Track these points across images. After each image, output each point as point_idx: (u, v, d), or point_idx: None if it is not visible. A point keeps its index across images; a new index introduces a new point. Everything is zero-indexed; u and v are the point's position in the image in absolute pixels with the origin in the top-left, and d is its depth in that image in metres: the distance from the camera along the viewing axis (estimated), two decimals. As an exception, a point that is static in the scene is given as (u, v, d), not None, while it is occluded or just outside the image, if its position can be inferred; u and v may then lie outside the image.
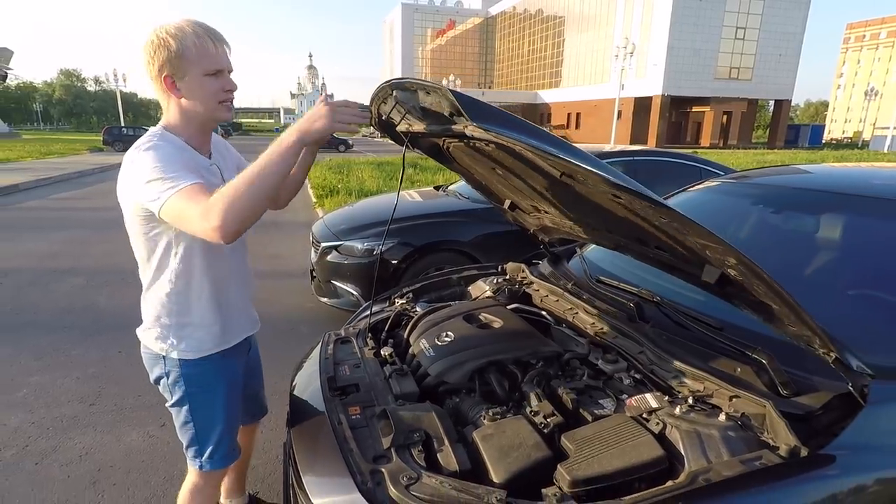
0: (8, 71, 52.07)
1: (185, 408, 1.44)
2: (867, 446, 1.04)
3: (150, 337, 1.42)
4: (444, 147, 1.83)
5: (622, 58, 27.31)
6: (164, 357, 1.41)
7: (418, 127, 1.46)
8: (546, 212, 1.95)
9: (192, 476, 1.54)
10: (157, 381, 1.46)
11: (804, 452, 1.01)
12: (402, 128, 1.66)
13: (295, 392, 1.65)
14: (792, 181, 2.27)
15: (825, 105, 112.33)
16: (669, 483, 1.00)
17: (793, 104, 52.15)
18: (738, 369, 1.30)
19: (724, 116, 44.35)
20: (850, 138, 76.31)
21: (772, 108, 48.41)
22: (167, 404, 1.47)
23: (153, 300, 1.39)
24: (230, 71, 1.30)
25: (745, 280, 0.99)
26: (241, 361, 1.58)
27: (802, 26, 42.20)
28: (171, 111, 1.29)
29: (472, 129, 1.07)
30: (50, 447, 2.45)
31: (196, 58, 1.21)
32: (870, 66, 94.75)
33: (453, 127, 1.27)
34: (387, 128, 1.78)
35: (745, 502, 0.96)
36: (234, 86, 1.29)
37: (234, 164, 1.56)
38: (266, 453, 2.39)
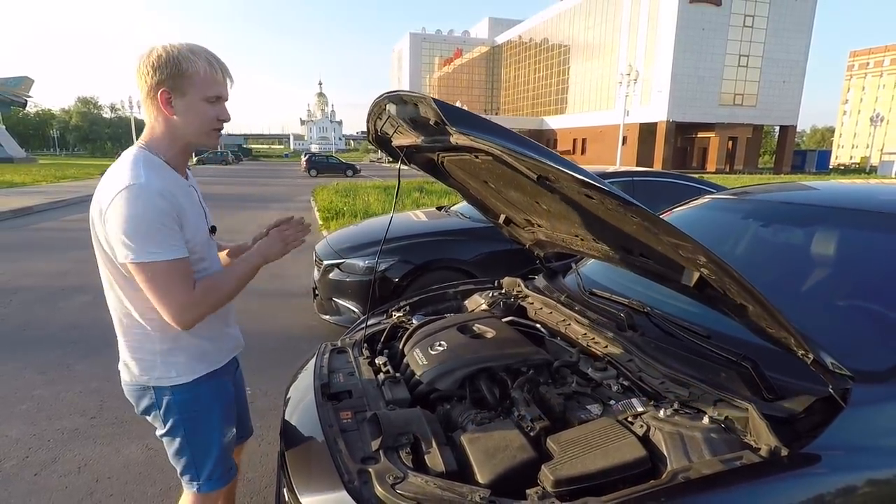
0: (28, 98, 53.74)
1: (180, 437, 1.38)
2: (848, 446, 1.05)
3: (135, 369, 1.35)
4: (439, 162, 1.89)
5: (626, 84, 27.72)
6: (152, 388, 1.35)
7: (411, 139, 1.52)
8: (539, 225, 1.99)
9: (188, 498, 1.48)
10: (147, 411, 1.39)
11: (784, 452, 1.02)
12: (396, 142, 1.72)
13: (289, 400, 1.68)
14: (796, 197, 2.29)
15: (831, 131, 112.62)
16: (651, 482, 1.01)
17: (799, 130, 52.35)
18: (723, 375, 1.31)
19: (730, 142, 44.53)
20: (858, 164, 76.20)
21: (777, 133, 48.61)
22: (158, 433, 1.40)
23: (136, 329, 1.33)
24: (227, 99, 1.32)
25: (717, 279, 1.02)
26: (231, 380, 1.54)
27: (805, 54, 42.70)
28: (157, 128, 1.27)
29: (456, 137, 1.13)
30: (50, 458, 2.47)
31: (202, 82, 1.22)
32: (875, 93, 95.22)
33: (440, 137, 1.33)
34: (383, 143, 1.85)
35: (724, 499, 0.96)
36: (227, 116, 1.30)
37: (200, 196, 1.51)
38: (262, 466, 2.40)
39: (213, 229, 1.45)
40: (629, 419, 1.24)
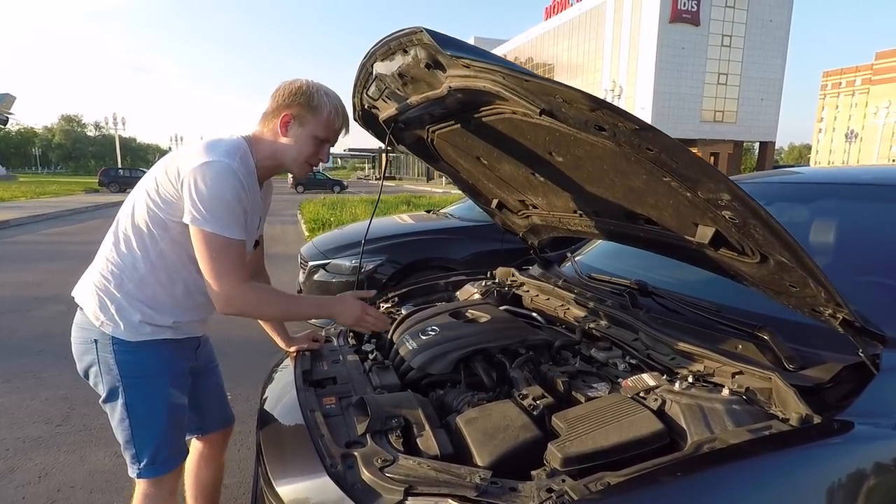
0: (9, 116, 53.02)
1: (120, 402, 1.28)
2: (882, 413, 0.95)
3: (90, 302, 1.29)
4: (429, 140, 1.80)
5: (611, 100, 28.19)
6: (96, 341, 1.28)
7: (401, 100, 1.42)
8: (533, 206, 1.91)
9: (140, 486, 1.35)
10: (87, 371, 1.32)
11: (816, 420, 0.92)
12: (384, 114, 1.63)
13: (268, 391, 1.54)
14: (789, 178, 2.26)
15: (808, 148, 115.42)
16: (674, 454, 0.91)
17: (777, 147, 53.65)
18: (740, 346, 1.22)
19: (712, 157, 45.35)
20: (835, 179, 77.89)
21: (757, 150, 49.76)
22: (100, 400, 1.31)
23: (110, 266, 1.28)
24: (332, 145, 1.41)
25: (740, 223, 0.92)
26: (189, 358, 1.43)
27: (781, 73, 43.99)
28: (265, 139, 1.34)
29: (451, 73, 1.03)
30: (7, 468, 2.28)
31: (320, 121, 1.31)
32: (848, 111, 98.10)
33: (432, 94, 1.23)
34: (369, 121, 1.76)
35: (755, 469, 0.85)
36: (325, 159, 1.40)
37: (264, 210, 1.55)
38: (241, 472, 2.24)
39: (256, 243, 1.52)
40: (641, 394, 1.14)
